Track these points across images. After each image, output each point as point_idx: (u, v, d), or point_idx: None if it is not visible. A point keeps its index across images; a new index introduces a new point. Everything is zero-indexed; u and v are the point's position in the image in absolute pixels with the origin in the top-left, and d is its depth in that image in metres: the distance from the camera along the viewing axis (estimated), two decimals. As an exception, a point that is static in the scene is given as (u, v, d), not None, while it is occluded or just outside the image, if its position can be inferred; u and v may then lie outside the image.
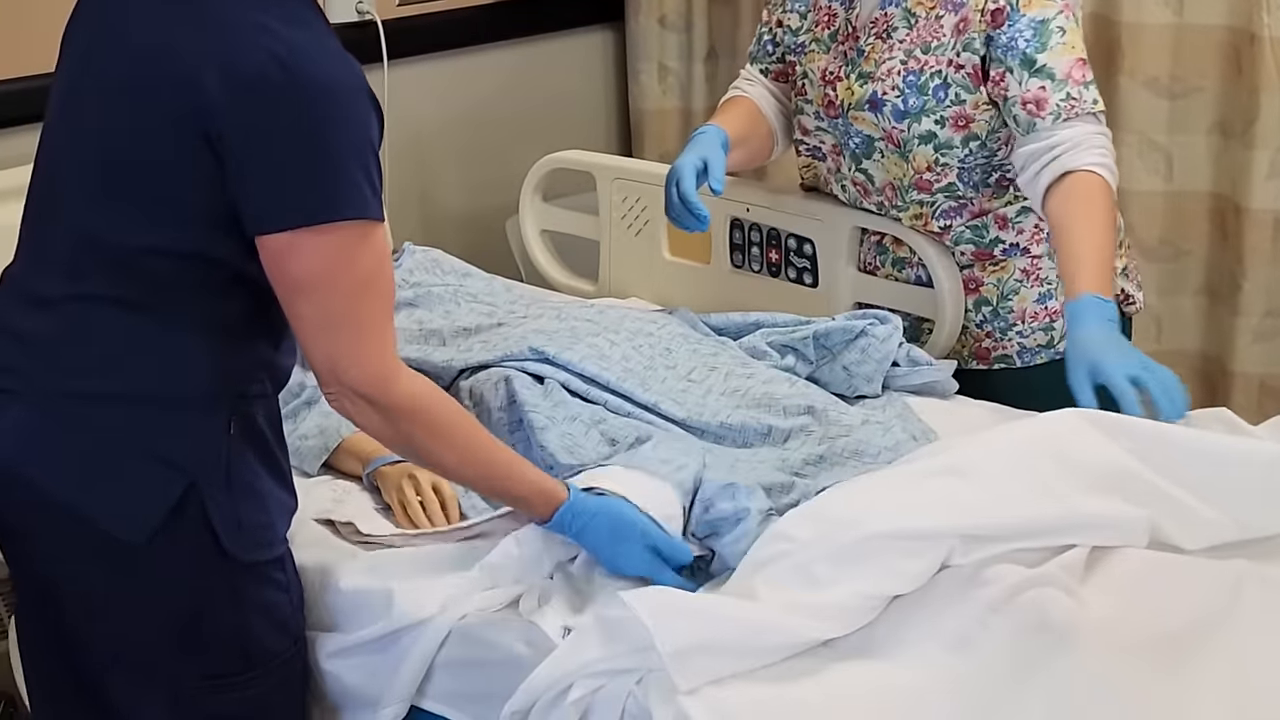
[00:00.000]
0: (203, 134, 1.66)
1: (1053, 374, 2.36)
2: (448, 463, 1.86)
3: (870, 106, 2.36)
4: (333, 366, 1.74)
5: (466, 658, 1.86)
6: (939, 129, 2.32)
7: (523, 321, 2.40)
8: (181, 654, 1.80)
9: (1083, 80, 2.22)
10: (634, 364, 2.25)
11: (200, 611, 1.79)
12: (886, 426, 2.15)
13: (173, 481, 1.74)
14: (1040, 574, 1.72)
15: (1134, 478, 1.84)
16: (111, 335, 1.74)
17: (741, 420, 2.16)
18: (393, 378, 1.77)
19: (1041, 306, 2.42)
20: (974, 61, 2.28)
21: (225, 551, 1.77)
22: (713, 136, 2.42)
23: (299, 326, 1.75)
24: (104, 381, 1.74)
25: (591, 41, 3.67)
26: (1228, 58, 2.93)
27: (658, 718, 1.66)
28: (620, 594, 1.71)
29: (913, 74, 2.32)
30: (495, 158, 3.42)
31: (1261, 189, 2.91)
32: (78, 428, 1.74)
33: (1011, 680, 1.64)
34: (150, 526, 1.73)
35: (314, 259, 1.69)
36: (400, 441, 1.83)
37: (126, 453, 1.74)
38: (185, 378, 1.75)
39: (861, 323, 2.33)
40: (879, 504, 1.80)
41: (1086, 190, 2.19)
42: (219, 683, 1.82)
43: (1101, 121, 2.25)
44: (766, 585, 1.74)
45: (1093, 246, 2.15)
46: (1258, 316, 2.99)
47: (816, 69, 2.44)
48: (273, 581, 1.85)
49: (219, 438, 1.76)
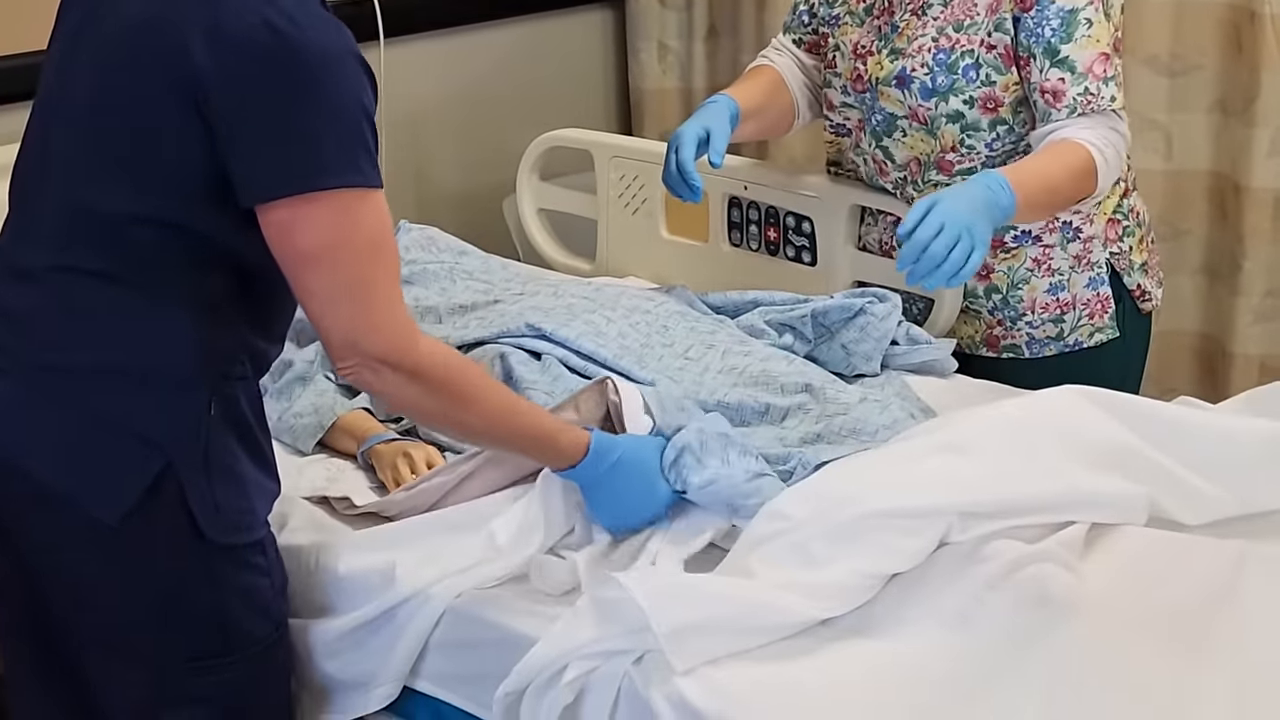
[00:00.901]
0: (192, 100, 1.64)
1: (1062, 366, 2.39)
2: (473, 421, 1.83)
3: (898, 83, 2.34)
4: (349, 337, 1.71)
5: (461, 639, 1.86)
6: (967, 109, 2.30)
7: (519, 299, 2.39)
8: (160, 635, 1.79)
9: (1103, 76, 2.21)
10: (630, 341, 2.25)
11: (177, 593, 1.78)
12: (884, 404, 2.15)
13: (150, 460, 1.72)
14: (1039, 550, 1.72)
15: (1133, 454, 1.84)
16: (94, 308, 1.73)
17: (739, 399, 2.15)
18: (413, 340, 1.75)
19: (1053, 298, 2.40)
20: (1005, 42, 2.26)
21: (201, 534, 1.76)
22: (722, 107, 2.40)
23: (310, 302, 1.72)
24: (84, 355, 1.72)
25: (591, 20, 3.66)
26: (1228, 35, 2.93)
27: (653, 699, 1.66)
28: (615, 575, 1.71)
29: (943, 52, 2.30)
30: (492, 136, 3.42)
31: (1262, 167, 2.90)
32: (57, 402, 1.73)
33: (1011, 657, 1.64)
34: (125, 505, 1.72)
35: (318, 229, 1.67)
36: (426, 405, 1.79)
37: (104, 429, 1.72)
38: (167, 355, 1.73)
39: (860, 301, 2.32)
40: (877, 482, 1.80)
41: (1066, 146, 2.20)
42: (199, 665, 1.80)
43: (1120, 119, 2.24)
44: (763, 564, 1.74)
45: (1040, 166, 2.18)
46: (1258, 296, 2.98)
47: (849, 42, 2.43)
48: (251, 565, 1.83)
49: (199, 418, 1.74)
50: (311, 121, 1.64)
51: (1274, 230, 2.93)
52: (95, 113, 1.71)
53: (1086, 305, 2.41)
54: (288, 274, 1.71)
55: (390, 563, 1.89)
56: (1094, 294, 2.41)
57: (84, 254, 1.72)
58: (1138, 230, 2.45)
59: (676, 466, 1.91)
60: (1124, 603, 1.71)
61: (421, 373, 1.75)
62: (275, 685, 1.90)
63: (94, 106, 1.71)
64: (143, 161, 1.69)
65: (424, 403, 1.78)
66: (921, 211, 2.04)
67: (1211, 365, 3.10)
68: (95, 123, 1.71)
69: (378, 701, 1.90)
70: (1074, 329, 2.42)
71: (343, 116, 1.65)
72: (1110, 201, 2.39)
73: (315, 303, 1.72)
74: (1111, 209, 2.40)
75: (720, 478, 1.88)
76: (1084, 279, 2.40)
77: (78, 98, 1.73)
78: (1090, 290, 2.41)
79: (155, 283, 1.72)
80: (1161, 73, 2.99)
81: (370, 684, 1.89)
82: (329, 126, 1.65)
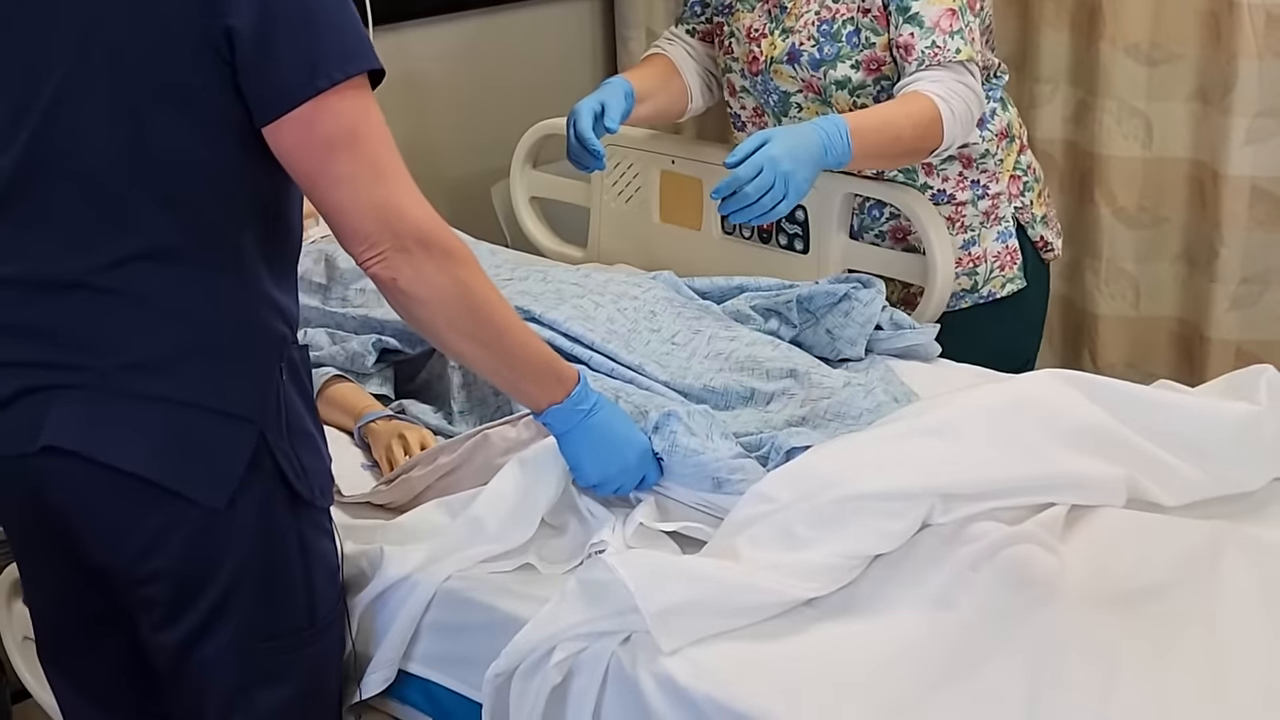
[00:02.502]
0: (208, 32, 1.62)
1: (977, 317, 2.51)
2: (489, 327, 1.78)
3: (789, 59, 2.42)
4: (385, 218, 1.68)
5: (451, 621, 1.87)
6: (854, 73, 2.38)
7: (508, 283, 2.41)
8: (252, 613, 1.77)
9: (949, 30, 2.29)
10: (618, 325, 2.28)
11: (279, 566, 1.77)
12: (868, 388, 2.17)
13: (246, 436, 1.71)
14: (1020, 531, 1.75)
15: (1112, 436, 1.87)
16: (147, 295, 1.69)
17: (724, 383, 2.18)
18: (442, 221, 1.73)
19: (965, 252, 2.49)
20: (877, 4, 2.35)
21: (298, 499, 1.76)
22: (616, 85, 2.49)
23: (338, 192, 1.68)
24: (154, 345, 1.69)
25: (581, 8, 3.67)
26: (1207, 25, 2.94)
27: (640, 678, 1.68)
28: (603, 557, 1.73)
29: (825, 23, 2.38)
30: (481, 124, 3.43)
31: (1239, 155, 2.92)
32: (143, 399, 1.69)
33: (993, 634, 1.66)
34: (231, 487, 1.71)
35: (342, 114, 1.66)
36: (452, 296, 1.74)
37: (196, 414, 1.70)
38: (230, 325, 1.71)
39: (844, 286, 2.35)
40: (860, 464, 1.82)
41: (913, 96, 2.28)
42: (286, 642, 1.80)
43: (969, 73, 2.30)
44: (748, 545, 1.76)
45: (883, 113, 2.28)
46: (1234, 283, 3.00)
47: (742, 27, 2.50)
48: (325, 531, 1.84)
49: (274, 383, 1.74)
50: (323, 20, 1.65)
51: (1250, 218, 2.95)
52: (115, 73, 1.66)
53: (997, 258, 2.51)
54: (311, 173, 1.68)
55: (378, 548, 1.91)
56: (1003, 247, 2.51)
57: (118, 244, 1.68)
58: (1036, 185, 2.55)
59: (662, 430, 1.92)
60: (1103, 581, 1.73)
61: (453, 253, 1.73)
62: (337, 664, 1.89)
63: (113, 68, 1.65)
64: (174, 108, 1.66)
65: (451, 293, 1.73)
66: (751, 147, 2.16)
67: (1189, 350, 3.12)
68: (116, 80, 1.65)
69: (374, 686, 1.91)
70: (987, 280, 2.52)
71: (344, 10, 1.67)
72: (1009, 159, 2.49)
73: (344, 190, 1.68)
74: (1011, 166, 2.49)
75: (707, 449, 1.90)
76: (993, 233, 2.50)
77: (90, 78, 1.67)
78: (999, 244, 2.51)
79: (195, 250, 1.69)
80: (1142, 61, 3.01)
81: (365, 668, 1.90)
82: (337, 22, 1.66)
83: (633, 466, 1.90)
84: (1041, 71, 3.15)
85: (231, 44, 1.63)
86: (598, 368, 2.20)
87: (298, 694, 1.83)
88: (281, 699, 1.82)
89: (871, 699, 1.62)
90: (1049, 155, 3.16)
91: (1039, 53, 3.15)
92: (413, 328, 1.80)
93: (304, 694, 1.84)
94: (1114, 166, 3.07)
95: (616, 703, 1.71)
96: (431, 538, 1.92)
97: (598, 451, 1.88)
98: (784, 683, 1.65)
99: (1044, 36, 3.14)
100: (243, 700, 1.80)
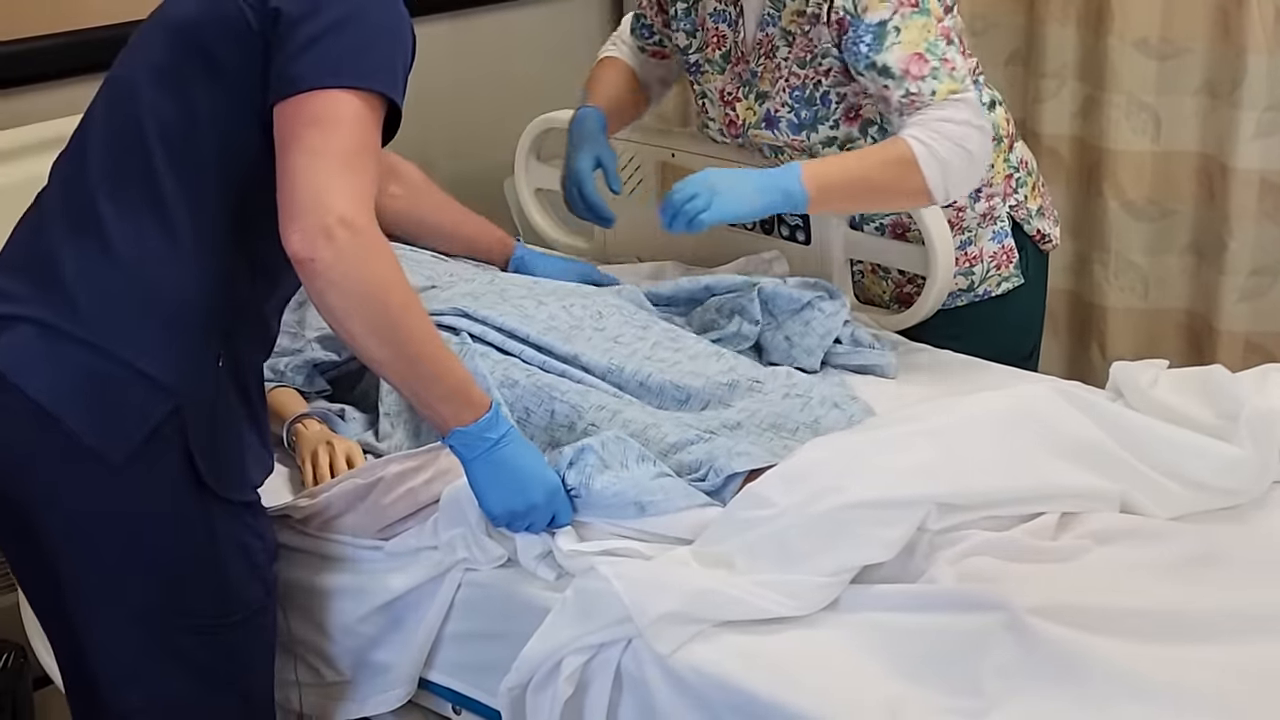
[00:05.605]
0: (250, 11, 1.75)
1: (973, 314, 2.51)
2: (404, 333, 1.76)
3: (767, 124, 2.43)
4: (321, 197, 1.70)
5: (470, 630, 1.91)
6: (836, 131, 2.39)
7: (452, 284, 2.38)
8: (160, 587, 1.82)
9: (920, 75, 2.25)
10: (559, 322, 2.23)
11: (178, 542, 1.82)
12: (806, 401, 2.13)
13: (159, 401, 1.77)
14: (1005, 537, 1.78)
15: (1107, 453, 1.88)
16: (124, 252, 1.78)
17: (660, 383, 2.14)
18: (373, 214, 1.73)
19: (961, 252, 2.48)
20: (836, 65, 2.34)
21: (202, 482, 1.80)
22: (595, 126, 2.53)
23: (297, 159, 1.71)
24: (107, 297, 1.78)
25: (585, 1, 3.67)
26: (1216, 19, 2.95)
27: (648, 678, 1.71)
28: (597, 568, 1.75)
29: (798, 89, 2.38)
30: (490, 119, 3.43)
31: (1247, 149, 2.93)
32: (74, 340, 1.77)
33: (984, 622, 1.66)
34: (131, 444, 1.76)
35: (340, 108, 1.73)
36: (368, 294, 1.72)
37: (118, 366, 1.77)
38: (183, 301, 1.79)
39: (809, 294, 2.33)
40: (859, 470, 1.82)
41: (888, 140, 2.28)
42: (195, 624, 1.84)
43: (954, 104, 2.25)
44: (744, 555, 1.77)
45: (848, 157, 2.32)
46: (1243, 275, 3.01)
47: (715, 89, 2.51)
48: (247, 526, 1.87)
49: (208, 369, 1.80)
50: (363, 31, 1.75)
51: (1259, 210, 2.96)
52: (171, 50, 1.81)
53: (994, 258, 2.51)
54: (287, 138, 1.73)
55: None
56: (999, 246, 2.51)
57: (123, 192, 1.79)
58: (1029, 179, 2.54)
59: (577, 466, 1.87)
60: (1102, 562, 1.76)
61: (375, 247, 1.72)
62: (262, 655, 1.93)
63: (170, 45, 1.81)
64: (209, 74, 1.79)
65: (365, 286, 1.72)
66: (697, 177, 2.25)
67: (1198, 342, 3.13)
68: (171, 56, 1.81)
69: (396, 700, 1.95)
70: (983, 280, 2.52)
71: (390, 36, 1.78)
72: (999, 159, 2.47)
73: (303, 159, 1.71)
74: (1002, 165, 2.49)
75: (624, 478, 1.87)
76: (989, 233, 2.50)
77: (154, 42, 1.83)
78: (995, 243, 2.51)
79: (185, 218, 1.79)
80: (1151, 55, 3.01)
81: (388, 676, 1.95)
82: (376, 39, 1.76)
83: (540, 505, 1.84)
84: (1047, 66, 3.15)
85: (276, 22, 1.74)
86: (529, 360, 2.15)
87: (204, 680, 1.87)
88: (188, 679, 1.86)
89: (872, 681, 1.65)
90: (1055, 150, 3.17)
91: (1045, 47, 3.15)
92: (325, 320, 1.77)
93: (212, 679, 1.88)
94: (1123, 160, 3.08)
95: (632, 707, 1.74)
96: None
97: (502, 485, 1.83)
98: (784, 672, 1.67)
99: (1050, 31, 3.14)
100: (148, 665, 1.85)
